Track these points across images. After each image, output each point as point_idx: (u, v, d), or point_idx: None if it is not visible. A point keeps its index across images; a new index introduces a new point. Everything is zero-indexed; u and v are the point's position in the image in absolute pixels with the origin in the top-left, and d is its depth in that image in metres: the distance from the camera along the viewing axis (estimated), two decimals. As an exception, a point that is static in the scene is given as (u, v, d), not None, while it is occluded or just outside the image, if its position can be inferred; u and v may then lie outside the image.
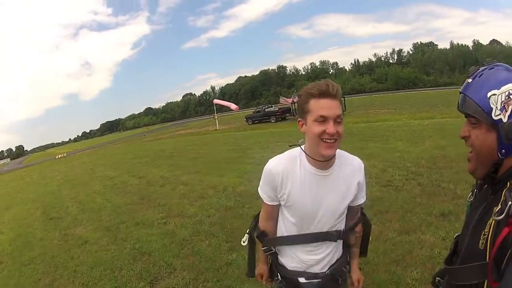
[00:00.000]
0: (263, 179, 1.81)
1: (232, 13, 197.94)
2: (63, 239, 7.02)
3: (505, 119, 1.08)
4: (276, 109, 34.31)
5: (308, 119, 1.60)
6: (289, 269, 1.88)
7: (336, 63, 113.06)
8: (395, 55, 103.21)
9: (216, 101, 42.13)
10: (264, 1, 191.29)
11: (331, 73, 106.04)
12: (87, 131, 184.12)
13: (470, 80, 1.18)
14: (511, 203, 1.00)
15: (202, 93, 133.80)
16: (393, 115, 22.06)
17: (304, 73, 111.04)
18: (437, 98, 35.92)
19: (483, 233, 1.08)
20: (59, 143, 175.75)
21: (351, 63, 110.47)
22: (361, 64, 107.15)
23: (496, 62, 1.18)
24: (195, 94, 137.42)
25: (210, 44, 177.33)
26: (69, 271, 5.25)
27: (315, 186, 1.70)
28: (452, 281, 1.22)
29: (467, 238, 1.20)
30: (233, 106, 38.61)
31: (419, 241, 4.35)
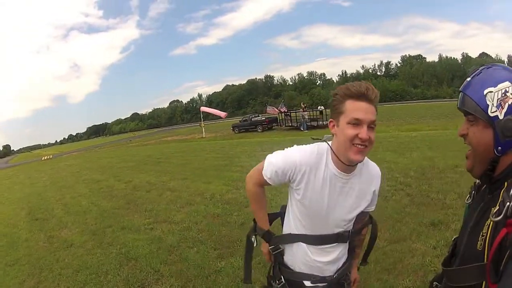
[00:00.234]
0: (282, 161, 1.69)
1: (221, 21, 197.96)
2: (48, 241, 6.92)
3: (501, 116, 1.09)
4: (263, 119, 34.42)
5: (341, 120, 1.53)
6: (296, 270, 1.82)
7: (323, 74, 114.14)
8: (383, 67, 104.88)
9: (203, 109, 42.09)
10: (254, 10, 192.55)
11: (318, 84, 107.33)
12: (74, 134, 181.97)
13: (469, 79, 1.20)
14: (509, 204, 1.00)
15: (189, 100, 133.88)
16: (380, 126, 22.17)
17: (291, 83, 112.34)
18: (425, 110, 36.54)
19: (481, 234, 1.08)
20: (46, 144, 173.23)
21: (338, 75, 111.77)
22: (348, 75, 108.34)
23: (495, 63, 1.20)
24: (182, 101, 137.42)
25: (198, 51, 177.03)
26: (54, 274, 5.16)
27: (335, 188, 1.66)
28: (450, 282, 1.22)
29: (465, 239, 1.20)
30: (221, 113, 38.65)
31: (410, 250, 4.37)
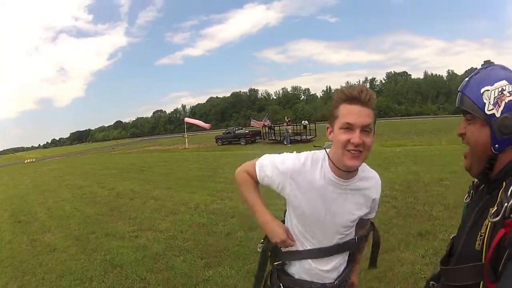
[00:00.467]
0: (275, 167, 1.65)
1: (209, 32, 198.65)
2: (31, 244, 6.85)
3: (498, 114, 1.11)
4: (246, 132, 34.59)
5: (335, 125, 1.49)
6: (297, 278, 1.74)
7: (308, 89, 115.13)
8: (368, 84, 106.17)
9: (187, 120, 41.89)
10: (241, 23, 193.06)
11: (302, 99, 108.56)
12: (57, 139, 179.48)
13: (467, 79, 1.22)
14: (507, 204, 1.01)
15: (172, 110, 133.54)
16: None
17: (275, 97, 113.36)
18: (409, 126, 37.11)
19: (480, 234, 1.09)
20: (29, 147, 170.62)
21: (322, 90, 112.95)
22: (333, 91, 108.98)
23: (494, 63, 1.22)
24: (165, 111, 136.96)
25: (184, 61, 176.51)
26: (37, 278, 5.07)
27: (332, 194, 1.60)
28: (447, 281, 1.23)
29: (463, 238, 1.21)
30: (205, 125, 38.63)
31: (399, 259, 4.41)
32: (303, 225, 1.68)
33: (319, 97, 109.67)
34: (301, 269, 1.74)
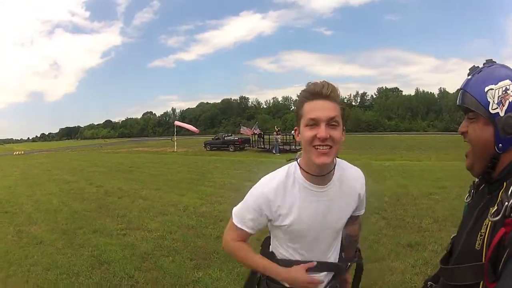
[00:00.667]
0: (250, 203, 1.56)
1: (203, 38, 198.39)
2: (17, 235, 6.81)
3: (502, 113, 1.11)
4: (235, 138, 34.48)
5: (301, 124, 1.44)
6: (287, 286, 1.64)
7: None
8: (358, 98, 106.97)
9: (177, 123, 41.77)
10: (236, 30, 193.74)
11: (292, 109, 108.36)
12: (46, 134, 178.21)
13: (469, 77, 1.21)
14: (507, 204, 1.01)
15: (162, 113, 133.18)
16: (352, 155, 22.46)
17: (265, 106, 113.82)
18: (398, 142, 37.48)
19: (480, 233, 1.09)
20: (18, 140, 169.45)
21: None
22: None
23: (496, 62, 1.22)
24: (155, 113, 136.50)
25: (177, 65, 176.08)
26: (23, 270, 5.00)
27: (313, 204, 1.52)
28: (447, 281, 1.22)
29: (463, 238, 1.20)
30: (194, 129, 38.61)
31: (389, 268, 4.45)
32: (294, 242, 1.61)
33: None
34: None
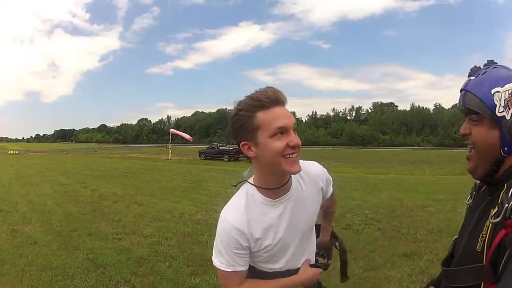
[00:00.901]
0: (225, 244, 1.41)
1: (201, 46, 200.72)
2: (12, 234, 6.78)
3: (509, 117, 1.09)
4: (230, 148, 34.48)
5: (259, 137, 1.30)
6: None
7: (293, 113, 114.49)
8: (354, 112, 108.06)
9: (172, 131, 41.86)
10: (234, 40, 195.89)
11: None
12: (41, 135, 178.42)
13: (472, 77, 1.18)
14: (507, 205, 1.01)
15: (157, 120, 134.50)
16: (347, 168, 22.54)
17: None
18: (392, 156, 37.69)
19: (481, 235, 1.08)
20: (13, 139, 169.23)
21: (308, 115, 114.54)
22: (318, 116, 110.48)
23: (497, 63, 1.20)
24: (150, 120, 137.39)
25: (174, 73, 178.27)
26: (17, 269, 4.96)
27: (283, 217, 1.44)
28: (449, 283, 1.21)
29: (464, 240, 1.20)
30: (188, 136, 38.69)
31: (386, 277, 4.48)
32: (271, 256, 1.49)
33: (304, 121, 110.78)
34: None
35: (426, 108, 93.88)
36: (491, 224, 1.05)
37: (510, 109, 1.09)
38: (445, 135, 79.89)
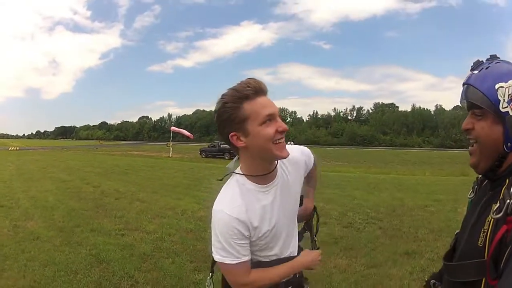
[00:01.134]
0: (226, 235, 1.40)
1: (202, 45, 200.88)
2: (13, 230, 6.76)
3: None
4: None
5: (249, 126, 1.36)
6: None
7: (294, 112, 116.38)
8: (354, 112, 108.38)
9: (173, 129, 41.99)
10: (235, 40, 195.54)
11: (288, 121, 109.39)
12: (41, 131, 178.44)
13: (476, 72, 1.17)
14: (509, 201, 1.01)
15: (158, 118, 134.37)
16: (347, 168, 22.57)
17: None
18: (392, 156, 37.67)
19: (483, 230, 1.08)
20: (13, 136, 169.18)
21: (309, 115, 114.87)
22: (319, 116, 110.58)
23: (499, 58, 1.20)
24: (151, 118, 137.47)
25: (175, 71, 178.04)
26: (19, 264, 4.96)
27: (271, 204, 1.48)
28: (450, 277, 1.22)
29: (466, 234, 1.20)
30: (188, 134, 38.75)
31: (387, 275, 4.51)
32: (268, 243, 1.52)
33: (305, 121, 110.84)
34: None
35: (427, 109, 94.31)
36: (492, 219, 1.05)
37: None
38: (445, 136, 79.97)
